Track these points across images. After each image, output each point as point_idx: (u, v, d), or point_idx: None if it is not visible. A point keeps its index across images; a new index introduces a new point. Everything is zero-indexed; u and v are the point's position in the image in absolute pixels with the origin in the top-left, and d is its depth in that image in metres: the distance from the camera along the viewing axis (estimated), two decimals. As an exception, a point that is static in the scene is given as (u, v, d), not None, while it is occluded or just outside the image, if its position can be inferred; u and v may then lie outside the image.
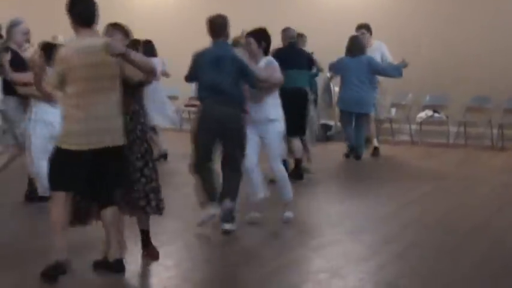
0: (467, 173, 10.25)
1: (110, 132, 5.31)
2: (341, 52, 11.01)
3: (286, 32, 9.58)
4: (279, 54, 8.43)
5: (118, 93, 5.33)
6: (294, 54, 9.37)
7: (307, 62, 9.70)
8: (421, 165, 11.01)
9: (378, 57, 11.30)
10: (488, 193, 8.89)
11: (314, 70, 10.11)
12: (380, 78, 11.33)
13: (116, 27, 5.69)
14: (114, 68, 5.27)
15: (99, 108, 5.23)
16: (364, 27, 11.30)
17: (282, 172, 7.27)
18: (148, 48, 9.96)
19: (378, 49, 11.45)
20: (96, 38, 5.34)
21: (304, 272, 5.79)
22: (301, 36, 10.58)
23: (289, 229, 7.09)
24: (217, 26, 6.75)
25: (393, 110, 13.27)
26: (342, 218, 7.57)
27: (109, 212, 5.44)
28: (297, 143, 9.38)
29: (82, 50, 5.22)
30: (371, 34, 11.43)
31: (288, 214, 7.28)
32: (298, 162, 9.48)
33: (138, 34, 6.89)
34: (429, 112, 12.91)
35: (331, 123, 13.34)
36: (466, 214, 7.76)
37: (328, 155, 11.50)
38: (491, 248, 6.46)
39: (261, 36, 7.07)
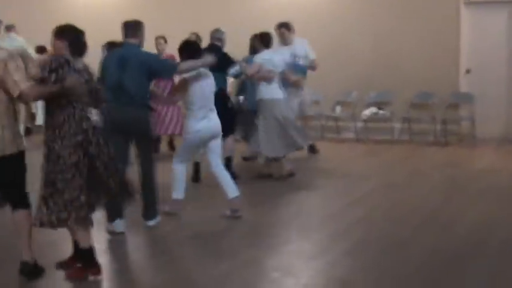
0: (412, 168, 10.38)
1: None
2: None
3: (211, 33, 9.65)
4: None
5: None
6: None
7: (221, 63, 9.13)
8: (366, 162, 11.12)
9: (287, 54, 10.64)
10: (434, 186, 9.03)
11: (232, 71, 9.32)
12: (308, 73, 11.20)
13: None
14: None
15: None
16: (285, 26, 11.09)
17: (222, 171, 7.42)
18: None
19: (299, 47, 10.97)
20: None
21: (257, 272, 5.77)
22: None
23: (240, 229, 7.08)
24: (128, 28, 6.93)
25: (338, 108, 13.35)
26: (290, 218, 7.61)
27: (16, 215, 5.48)
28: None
29: None
30: (290, 31, 11.00)
31: (230, 211, 7.41)
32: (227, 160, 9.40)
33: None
34: (374, 109, 13.03)
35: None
36: (413, 208, 7.86)
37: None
38: (440, 239, 6.56)
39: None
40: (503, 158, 11.15)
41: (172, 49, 9.70)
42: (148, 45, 8.08)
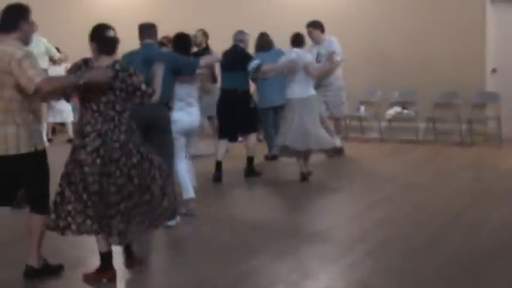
0: (437, 168, 10.25)
1: None
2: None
3: (234, 34, 9.88)
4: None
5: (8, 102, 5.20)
6: (231, 56, 9.56)
7: (242, 63, 9.55)
8: (390, 162, 10.99)
9: (322, 53, 10.76)
10: (459, 188, 8.87)
11: (252, 64, 9.56)
12: (338, 74, 11.15)
13: None
14: (6, 76, 5.14)
15: None
16: (312, 25, 11.04)
17: (182, 170, 7.46)
18: None
19: (326, 46, 10.86)
20: (3, 44, 5.21)
21: (276, 273, 5.69)
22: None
23: (258, 231, 7.00)
24: (144, 29, 7.27)
25: (362, 108, 13.23)
26: (312, 218, 7.54)
27: (29, 218, 5.45)
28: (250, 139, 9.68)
29: None
30: (321, 31, 11.03)
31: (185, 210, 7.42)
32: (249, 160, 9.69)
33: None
34: (398, 109, 12.91)
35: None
36: (437, 209, 7.74)
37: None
38: (463, 243, 6.44)
39: None
40: (530, 158, 10.98)
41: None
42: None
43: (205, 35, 11.25)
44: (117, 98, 5.24)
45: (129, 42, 7.96)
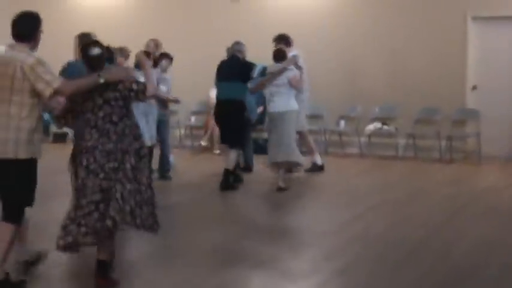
0: (414, 185, 10.15)
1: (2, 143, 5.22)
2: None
3: (232, 45, 10.04)
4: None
5: (20, 106, 5.22)
6: (228, 66, 9.78)
7: (241, 73, 9.63)
8: (369, 178, 10.89)
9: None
10: (434, 206, 8.78)
11: (256, 71, 9.75)
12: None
13: None
14: (16, 81, 5.19)
15: None
16: (277, 39, 10.80)
17: None
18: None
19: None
20: (14, 51, 5.29)
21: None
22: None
23: (227, 245, 6.87)
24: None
25: (342, 122, 13.15)
26: (283, 234, 7.38)
27: None
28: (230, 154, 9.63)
29: None
30: (286, 45, 10.60)
31: None
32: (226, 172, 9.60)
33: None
34: (378, 124, 12.83)
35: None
36: (411, 228, 7.62)
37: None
38: (435, 262, 6.30)
39: None
40: (509, 176, 10.89)
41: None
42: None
43: (157, 45, 10.49)
44: (114, 109, 5.32)
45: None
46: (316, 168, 10.98)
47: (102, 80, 5.22)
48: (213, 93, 12.36)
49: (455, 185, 10.21)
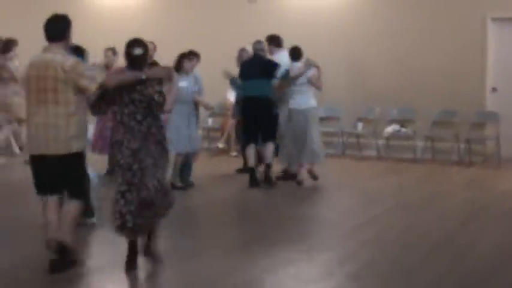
0: (432, 189, 10.01)
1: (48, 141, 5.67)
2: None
3: (253, 44, 10.23)
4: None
5: (66, 104, 5.64)
6: (254, 65, 10.05)
7: (265, 71, 9.91)
8: (386, 181, 10.77)
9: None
10: (452, 210, 8.67)
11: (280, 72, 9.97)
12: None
13: None
14: (59, 82, 5.60)
15: (39, 118, 5.67)
16: (267, 40, 10.51)
17: None
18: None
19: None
20: (50, 53, 5.71)
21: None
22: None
23: (241, 247, 6.81)
24: None
25: (360, 125, 13.04)
26: (298, 237, 7.27)
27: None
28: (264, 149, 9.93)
29: (34, 63, 5.75)
30: (276, 45, 10.52)
31: None
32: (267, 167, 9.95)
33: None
34: (396, 126, 12.70)
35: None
36: (426, 231, 7.51)
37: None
38: (451, 266, 6.21)
39: None
40: (528, 180, 10.74)
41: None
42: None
43: (155, 48, 10.21)
44: (138, 109, 5.65)
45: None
46: (289, 177, 10.36)
47: (144, 76, 5.63)
48: (230, 95, 12.37)
49: (473, 188, 10.08)
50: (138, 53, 5.71)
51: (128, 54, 5.75)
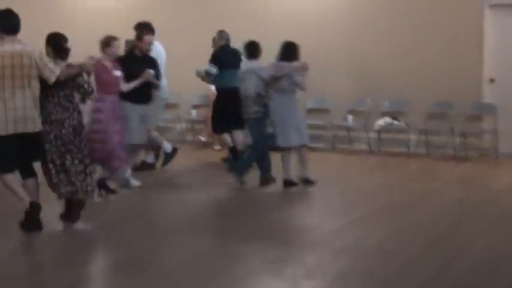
0: (424, 186, 9.38)
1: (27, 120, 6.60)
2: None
3: (222, 35, 10.42)
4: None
5: (36, 89, 6.63)
6: (228, 55, 10.18)
7: (238, 61, 10.11)
8: (377, 176, 10.19)
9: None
10: (444, 208, 8.10)
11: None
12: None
13: None
14: (32, 69, 6.55)
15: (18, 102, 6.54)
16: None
17: None
18: None
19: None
20: (19, 44, 6.58)
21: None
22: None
23: (205, 257, 6.17)
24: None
25: (350, 117, 12.43)
26: (266, 245, 6.52)
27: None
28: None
29: (5, 53, 6.49)
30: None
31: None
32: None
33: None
34: (388, 119, 12.10)
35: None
36: (414, 233, 6.95)
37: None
38: (438, 273, 5.64)
39: None
40: (527, 176, 10.12)
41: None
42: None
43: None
44: (72, 92, 6.86)
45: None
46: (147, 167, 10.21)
47: (82, 71, 6.87)
48: (213, 87, 11.77)
49: (468, 186, 9.49)
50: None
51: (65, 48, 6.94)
